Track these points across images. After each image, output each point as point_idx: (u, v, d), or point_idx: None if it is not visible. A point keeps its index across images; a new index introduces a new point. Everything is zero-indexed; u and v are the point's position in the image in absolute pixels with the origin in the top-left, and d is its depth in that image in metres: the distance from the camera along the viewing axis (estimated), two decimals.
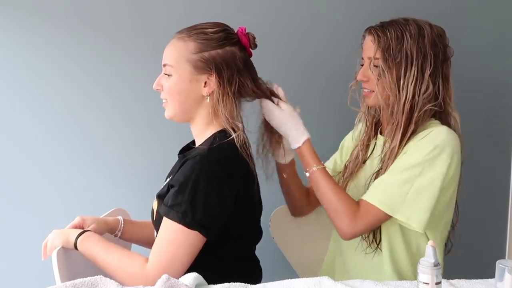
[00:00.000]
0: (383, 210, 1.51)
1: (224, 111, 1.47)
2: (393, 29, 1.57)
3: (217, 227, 1.42)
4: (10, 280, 2.09)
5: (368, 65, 1.61)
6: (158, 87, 1.52)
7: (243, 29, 1.53)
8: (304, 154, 1.59)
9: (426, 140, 1.53)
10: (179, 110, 1.50)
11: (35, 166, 2.07)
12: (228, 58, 1.47)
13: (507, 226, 2.31)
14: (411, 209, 1.50)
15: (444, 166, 1.51)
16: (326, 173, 1.59)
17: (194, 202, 1.38)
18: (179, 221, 1.38)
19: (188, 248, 1.39)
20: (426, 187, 1.51)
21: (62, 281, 1.39)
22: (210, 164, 1.40)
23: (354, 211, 1.53)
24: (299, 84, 2.14)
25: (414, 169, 1.51)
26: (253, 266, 1.60)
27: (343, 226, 1.54)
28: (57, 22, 2.03)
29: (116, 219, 1.66)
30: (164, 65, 1.51)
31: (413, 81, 1.55)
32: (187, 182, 1.39)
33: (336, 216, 1.54)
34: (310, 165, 1.58)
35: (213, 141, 1.46)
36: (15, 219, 2.07)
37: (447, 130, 1.55)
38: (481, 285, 1.36)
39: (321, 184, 1.57)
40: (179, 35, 1.51)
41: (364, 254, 1.63)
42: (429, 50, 1.56)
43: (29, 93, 2.05)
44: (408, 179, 1.51)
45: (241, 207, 1.46)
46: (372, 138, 1.73)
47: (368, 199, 1.54)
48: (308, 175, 1.59)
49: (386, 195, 1.52)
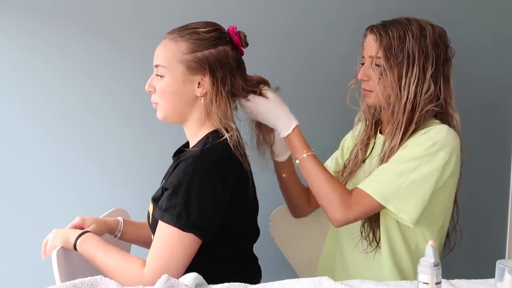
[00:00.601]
0: (376, 199, 1.51)
1: (218, 111, 1.46)
2: (395, 29, 1.57)
3: (212, 229, 1.41)
4: (10, 280, 2.09)
5: (369, 64, 1.60)
6: (151, 88, 1.50)
7: (234, 27, 1.52)
8: (294, 141, 1.57)
9: (426, 136, 1.54)
10: (172, 112, 1.49)
11: (35, 166, 2.07)
12: (221, 58, 1.47)
13: (507, 226, 2.31)
14: (402, 202, 1.50)
15: (441, 163, 1.52)
16: (317, 159, 1.58)
17: (188, 205, 1.38)
18: (173, 224, 1.38)
19: (184, 250, 1.38)
20: (420, 182, 1.51)
21: (62, 281, 1.39)
22: (203, 165, 1.40)
23: (346, 198, 1.52)
24: (298, 84, 2.14)
25: (411, 163, 1.51)
26: (251, 265, 1.60)
27: (336, 212, 1.53)
28: (57, 22, 2.03)
29: (116, 219, 1.66)
30: (155, 66, 1.49)
31: (414, 81, 1.55)
32: (181, 185, 1.38)
33: (329, 202, 1.53)
34: (300, 152, 1.57)
35: (206, 141, 1.45)
36: (15, 219, 2.07)
37: (448, 129, 1.56)
38: (481, 285, 1.36)
39: (312, 170, 1.56)
40: (170, 35, 1.49)
41: (365, 253, 1.62)
42: (431, 50, 1.56)
43: (29, 93, 2.05)
44: (404, 171, 1.51)
45: (236, 207, 1.45)
46: (371, 137, 1.73)
47: (362, 187, 1.54)
48: (298, 162, 1.58)
49: (380, 185, 1.52)
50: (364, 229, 1.62)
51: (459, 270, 1.58)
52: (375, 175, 1.55)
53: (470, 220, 1.88)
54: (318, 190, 1.56)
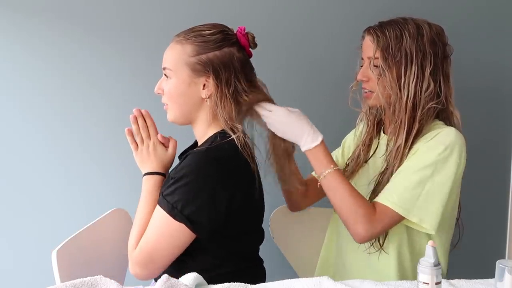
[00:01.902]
0: (397, 212, 1.50)
1: (223, 113, 1.47)
2: (392, 29, 1.58)
3: (207, 224, 1.42)
4: (10, 280, 2.09)
5: (368, 65, 1.61)
6: (159, 91, 1.53)
7: (242, 29, 1.52)
8: (319, 155, 1.55)
9: (436, 140, 1.53)
10: (180, 113, 1.51)
11: (35, 166, 2.07)
12: (226, 60, 1.47)
13: (507, 226, 2.31)
14: (423, 211, 1.50)
15: (455, 166, 1.52)
16: (342, 174, 1.57)
17: (185, 196, 1.39)
18: (167, 211, 1.40)
19: (171, 238, 1.40)
20: (438, 188, 1.51)
21: (62, 281, 1.39)
22: (207, 161, 1.41)
23: (371, 213, 1.51)
24: (300, 86, 2.14)
25: (426, 170, 1.51)
26: (256, 266, 1.60)
27: (360, 228, 1.51)
28: (57, 22, 2.03)
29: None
30: (163, 68, 1.51)
31: (413, 80, 1.55)
32: (183, 175, 1.41)
33: (354, 218, 1.51)
34: (326, 166, 1.54)
35: (214, 140, 1.47)
36: (15, 219, 2.07)
37: (455, 131, 1.56)
38: (481, 285, 1.36)
39: (339, 185, 1.54)
40: (177, 38, 1.51)
41: (367, 254, 1.62)
42: (428, 48, 1.57)
43: (29, 93, 2.05)
44: (421, 180, 1.50)
45: (239, 207, 1.45)
46: (374, 137, 1.73)
47: (383, 201, 1.52)
48: (324, 177, 1.55)
49: (400, 197, 1.51)
50: None
51: (459, 270, 1.58)
52: (393, 188, 1.54)
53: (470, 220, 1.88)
54: (343, 206, 1.53)
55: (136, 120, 1.56)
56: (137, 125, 1.56)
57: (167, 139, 1.58)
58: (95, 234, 1.64)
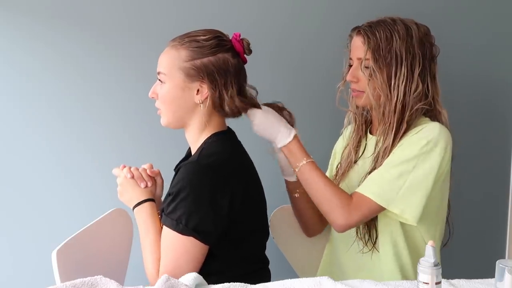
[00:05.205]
0: (377, 202, 1.52)
1: (216, 118, 1.50)
2: (382, 30, 1.58)
3: (214, 232, 1.42)
4: (11, 280, 2.09)
5: (358, 66, 1.61)
6: (153, 95, 1.53)
7: (238, 35, 1.52)
8: (293, 149, 1.57)
9: (419, 135, 1.55)
10: (173, 118, 1.51)
11: (35, 166, 2.07)
12: (220, 65, 1.47)
13: (507, 226, 2.31)
14: (405, 202, 1.51)
15: (438, 160, 1.53)
16: (317, 166, 1.58)
17: (187, 209, 1.39)
18: (173, 228, 1.40)
19: (187, 254, 1.40)
20: (420, 181, 1.52)
21: (62, 281, 1.39)
22: (201, 170, 1.41)
23: (348, 203, 1.53)
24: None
25: (408, 163, 1.52)
26: (261, 269, 1.59)
27: (338, 217, 1.53)
28: (57, 22, 2.03)
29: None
30: (158, 73, 1.51)
31: (403, 81, 1.57)
32: (180, 190, 1.40)
33: (330, 208, 1.54)
34: (299, 159, 1.56)
35: (204, 147, 1.48)
36: (15, 219, 2.07)
37: (440, 126, 1.57)
38: (481, 285, 1.36)
39: (313, 177, 1.56)
40: (172, 43, 1.51)
41: (361, 254, 1.63)
42: (417, 49, 1.58)
43: (29, 93, 2.05)
44: (403, 172, 1.52)
45: (240, 208, 1.45)
46: (362, 137, 1.73)
47: (362, 191, 1.54)
48: (298, 170, 1.57)
49: (380, 188, 1.52)
50: (359, 230, 1.62)
51: (459, 270, 1.58)
52: (374, 178, 1.55)
53: (470, 220, 1.88)
54: (319, 196, 1.56)
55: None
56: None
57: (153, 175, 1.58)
58: (95, 234, 1.64)
